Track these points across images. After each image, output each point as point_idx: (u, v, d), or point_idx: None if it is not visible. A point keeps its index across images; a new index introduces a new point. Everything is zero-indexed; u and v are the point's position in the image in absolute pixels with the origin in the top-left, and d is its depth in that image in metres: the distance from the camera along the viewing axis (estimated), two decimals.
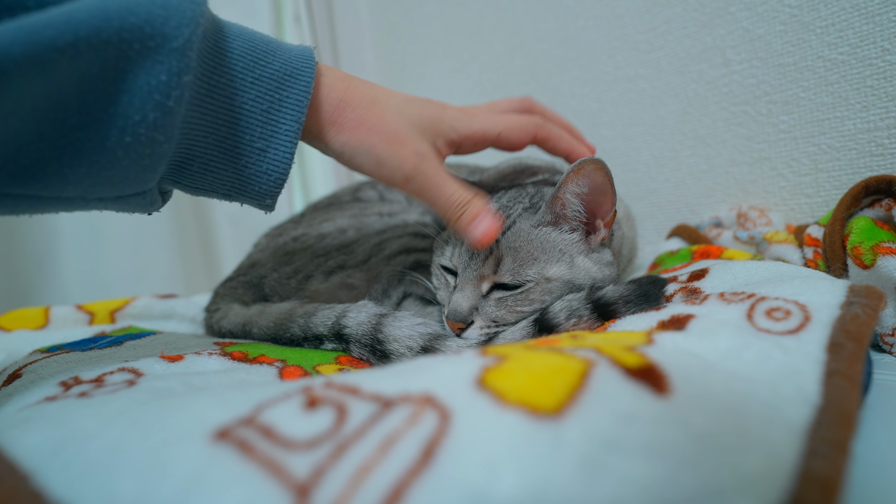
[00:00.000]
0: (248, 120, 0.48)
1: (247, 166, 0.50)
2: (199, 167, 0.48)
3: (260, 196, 0.52)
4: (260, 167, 0.50)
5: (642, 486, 0.24)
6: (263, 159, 0.50)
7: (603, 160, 0.56)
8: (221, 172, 0.50)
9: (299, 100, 0.50)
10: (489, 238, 0.55)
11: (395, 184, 0.55)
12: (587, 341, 0.39)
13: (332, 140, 0.54)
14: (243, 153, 0.49)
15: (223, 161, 0.49)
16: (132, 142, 0.40)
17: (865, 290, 0.44)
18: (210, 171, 0.49)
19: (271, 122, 0.49)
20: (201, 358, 0.52)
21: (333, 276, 0.74)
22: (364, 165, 0.54)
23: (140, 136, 0.40)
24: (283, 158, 0.50)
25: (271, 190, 0.51)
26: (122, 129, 0.39)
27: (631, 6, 1.08)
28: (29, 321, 0.78)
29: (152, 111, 0.40)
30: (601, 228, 0.62)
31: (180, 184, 0.49)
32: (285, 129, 0.49)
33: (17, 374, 0.49)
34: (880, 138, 0.80)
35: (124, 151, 0.40)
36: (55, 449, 0.29)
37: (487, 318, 0.59)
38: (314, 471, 0.25)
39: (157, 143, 0.41)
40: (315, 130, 0.53)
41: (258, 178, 0.50)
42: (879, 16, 0.78)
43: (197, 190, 0.51)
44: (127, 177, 0.42)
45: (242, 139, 0.49)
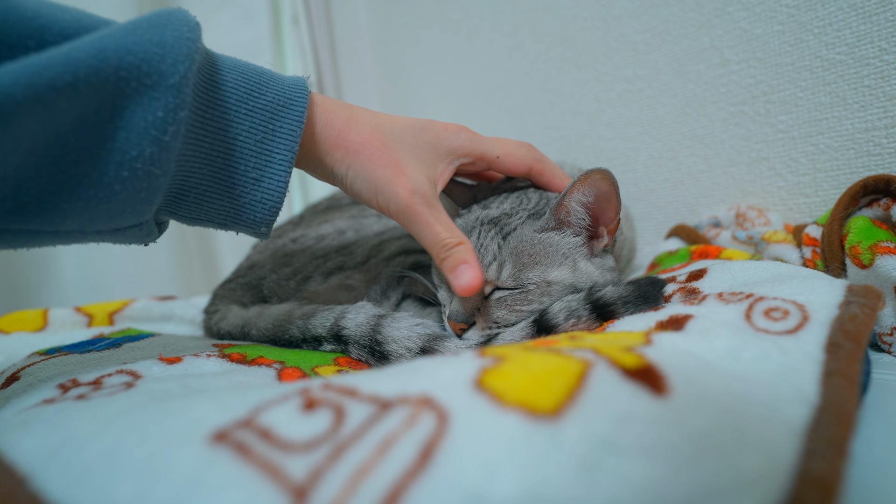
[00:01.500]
0: (243, 151, 0.49)
1: (242, 195, 0.51)
2: (194, 198, 0.49)
3: (255, 224, 0.53)
4: (255, 196, 0.51)
5: (641, 487, 0.24)
6: (258, 188, 0.51)
7: (609, 170, 0.56)
8: (217, 202, 0.51)
9: (292, 129, 0.51)
10: (472, 289, 0.52)
11: (388, 213, 0.55)
12: (585, 342, 0.39)
13: (336, 164, 0.55)
14: (238, 183, 0.50)
15: (218, 192, 0.50)
16: (129, 176, 0.41)
17: (864, 289, 0.44)
18: (206, 202, 0.50)
19: (265, 151, 0.50)
20: (200, 360, 0.52)
21: (332, 278, 0.74)
22: (362, 192, 0.55)
23: (137, 170, 0.41)
24: (277, 187, 0.51)
25: (266, 218, 0.52)
26: (119, 164, 0.40)
27: (629, 7, 1.08)
28: (27, 323, 0.78)
29: (149, 146, 0.40)
30: (605, 235, 0.62)
31: (176, 214, 0.50)
32: (279, 158, 0.51)
33: (16, 377, 0.49)
34: (878, 138, 0.80)
35: (121, 185, 0.41)
36: (53, 451, 0.29)
37: (489, 319, 0.59)
38: (312, 473, 0.25)
39: (153, 176, 0.42)
40: (318, 155, 0.55)
41: (253, 207, 0.51)
42: (877, 15, 0.78)
43: (193, 220, 0.52)
44: (124, 210, 0.43)
45: (237, 170, 0.50)
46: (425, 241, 0.55)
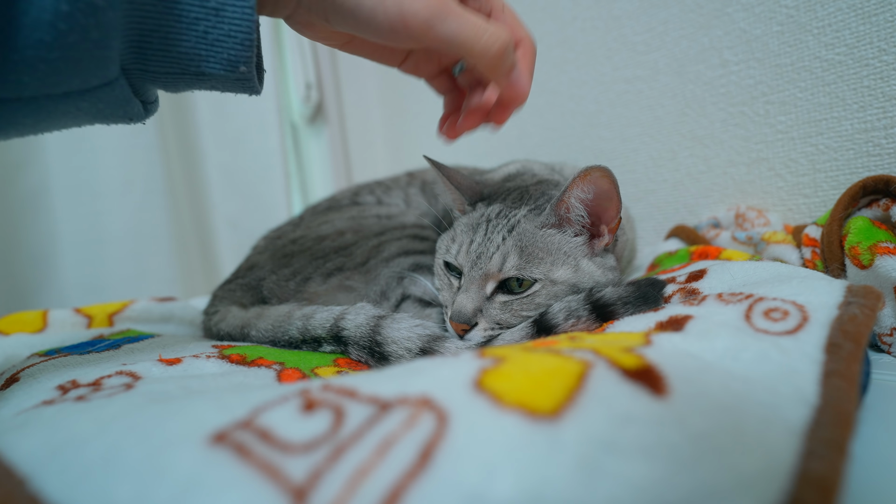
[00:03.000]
0: None
1: (207, 31, 0.45)
2: (158, 43, 0.45)
3: (231, 65, 0.47)
4: (221, 30, 0.45)
5: (640, 488, 0.24)
6: (222, 20, 0.45)
7: (608, 167, 0.56)
8: (183, 44, 0.45)
9: None
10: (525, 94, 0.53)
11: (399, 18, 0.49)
12: (585, 343, 0.39)
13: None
14: (199, 17, 0.44)
15: (180, 31, 0.45)
16: (70, 10, 0.37)
17: (863, 290, 0.44)
18: (171, 45, 0.45)
19: None
20: (199, 361, 0.52)
21: (332, 278, 0.74)
22: (377, 9, 0.48)
23: (76, 1, 0.37)
24: (243, 15, 0.45)
25: (241, 54, 0.46)
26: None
27: (628, 7, 1.08)
28: (27, 325, 0.78)
29: None
30: (606, 234, 0.62)
31: (148, 71, 0.46)
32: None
33: (15, 378, 0.49)
34: (877, 138, 0.80)
35: (65, 23, 0.37)
36: (52, 453, 0.29)
37: (491, 320, 0.59)
38: (311, 474, 0.25)
39: (97, 9, 0.38)
40: None
41: (223, 43, 0.46)
42: (876, 16, 0.79)
43: (167, 76, 0.47)
44: (80, 58, 0.39)
45: (194, 1, 0.44)
46: (463, 29, 0.50)
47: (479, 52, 0.51)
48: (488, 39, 0.51)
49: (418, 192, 0.95)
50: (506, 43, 0.52)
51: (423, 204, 0.93)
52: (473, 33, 0.50)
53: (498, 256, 0.59)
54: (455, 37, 0.50)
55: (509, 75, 0.54)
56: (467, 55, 0.52)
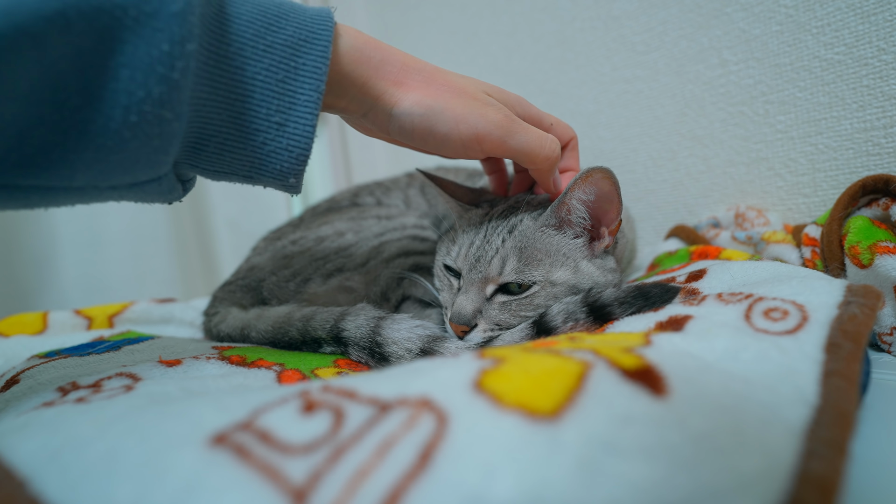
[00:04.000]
0: (263, 91, 0.45)
1: (265, 143, 0.46)
2: (214, 147, 0.46)
3: (282, 175, 0.48)
4: (280, 143, 0.47)
5: (640, 488, 0.24)
6: (283, 134, 0.46)
7: (610, 169, 0.56)
8: (239, 151, 0.46)
9: (317, 66, 0.46)
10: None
11: (474, 138, 0.53)
12: (585, 343, 0.39)
13: (400, 101, 0.51)
14: (260, 129, 0.46)
15: (240, 139, 0.46)
16: (138, 121, 0.37)
17: (863, 289, 0.44)
18: (227, 151, 0.46)
19: (288, 92, 0.46)
20: (199, 362, 0.52)
21: (332, 280, 0.74)
22: (438, 125, 0.52)
23: (146, 113, 0.38)
24: (303, 132, 0.47)
25: (294, 167, 0.48)
26: (125, 107, 0.37)
27: (627, 7, 1.08)
28: (27, 326, 0.78)
29: (156, 85, 0.37)
30: (606, 236, 0.62)
31: (198, 167, 0.47)
32: (304, 99, 0.46)
33: (15, 380, 0.49)
34: (877, 137, 0.80)
35: (131, 132, 0.38)
36: (52, 454, 0.29)
37: (491, 321, 0.59)
38: (311, 475, 0.25)
39: (164, 121, 0.39)
40: (373, 94, 0.51)
41: (278, 156, 0.47)
42: (875, 15, 0.79)
43: (216, 173, 0.48)
44: (138, 160, 0.40)
45: (258, 113, 0.45)
46: (531, 142, 0.55)
47: (539, 160, 0.57)
48: (549, 148, 0.57)
49: (418, 192, 0.95)
50: (557, 149, 0.59)
51: (422, 205, 0.93)
52: (538, 144, 0.56)
53: (497, 260, 0.59)
54: (522, 150, 0.56)
55: (553, 176, 0.61)
56: (529, 164, 0.58)
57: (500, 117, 0.54)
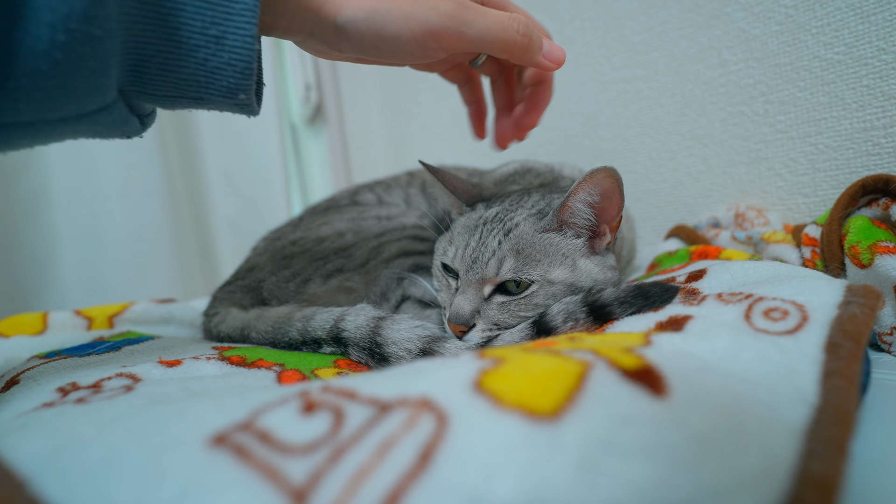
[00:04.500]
0: (195, 3, 0.43)
1: (207, 59, 0.44)
2: (156, 69, 0.44)
3: (230, 93, 0.46)
4: (221, 58, 0.45)
5: (640, 488, 0.24)
6: (223, 48, 0.44)
7: (614, 168, 0.56)
8: (182, 70, 0.45)
9: None
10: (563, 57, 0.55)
11: (427, 33, 0.50)
12: (585, 343, 0.39)
13: (341, 8, 0.48)
14: (199, 44, 0.44)
15: (179, 56, 0.44)
16: (67, 40, 0.37)
17: (863, 289, 0.44)
18: (170, 71, 0.44)
19: (222, 2, 0.44)
20: (199, 363, 0.52)
21: (332, 280, 0.74)
22: (386, 26, 0.49)
23: (73, 31, 0.37)
24: (243, 44, 0.44)
25: (240, 83, 0.46)
26: (51, 24, 0.36)
27: (627, 7, 1.08)
28: (27, 327, 0.78)
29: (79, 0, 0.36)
30: (606, 233, 0.62)
31: (145, 93, 0.45)
32: (239, 8, 0.44)
33: (15, 380, 0.49)
34: (877, 137, 0.80)
35: (62, 53, 0.37)
36: (52, 455, 0.29)
37: (489, 321, 0.59)
38: (311, 475, 0.25)
39: (95, 38, 0.38)
40: (313, 6, 0.48)
41: (222, 71, 0.45)
42: (875, 15, 0.79)
43: (165, 98, 0.47)
44: (77, 85, 0.39)
45: (193, 27, 0.43)
46: (491, 26, 0.51)
47: (511, 44, 0.52)
48: (515, 28, 0.52)
49: (418, 192, 0.95)
50: (528, 25, 0.53)
51: (423, 204, 0.93)
52: (500, 27, 0.52)
53: (494, 261, 0.59)
54: (484, 36, 0.51)
55: (541, 52, 0.55)
56: (498, 50, 0.53)
57: (453, 6, 0.50)
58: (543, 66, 0.57)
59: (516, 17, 0.53)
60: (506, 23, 0.52)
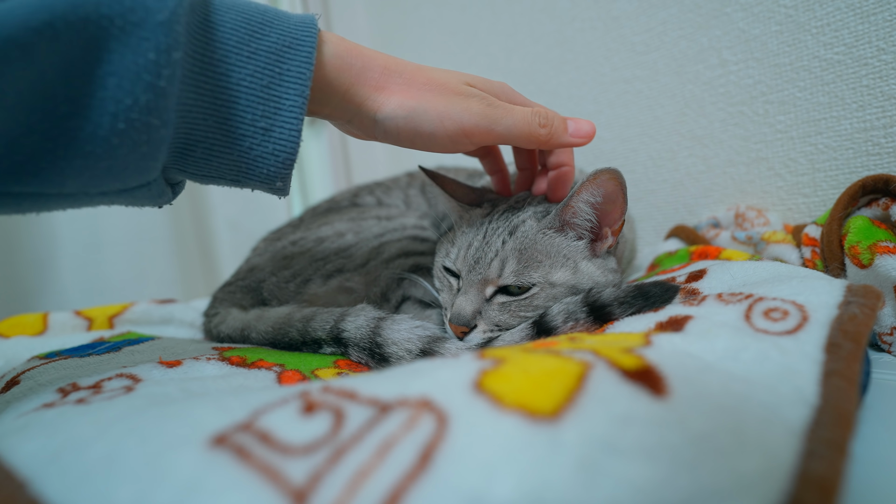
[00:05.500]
0: (248, 97, 0.46)
1: (252, 148, 0.47)
2: (202, 153, 0.46)
3: (269, 179, 0.49)
4: (266, 148, 0.47)
5: (640, 489, 0.24)
6: (269, 139, 0.47)
7: (618, 170, 0.56)
8: (226, 156, 0.47)
9: (301, 72, 0.47)
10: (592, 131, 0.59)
11: (460, 132, 0.54)
12: (585, 343, 0.39)
13: (382, 105, 0.52)
14: (246, 134, 0.47)
15: (226, 144, 0.47)
16: (126, 128, 0.38)
17: (863, 289, 0.44)
18: (214, 156, 0.47)
19: (273, 98, 0.46)
20: (199, 363, 0.52)
21: (332, 280, 0.74)
22: (423, 125, 0.53)
23: (133, 121, 0.38)
24: (289, 137, 0.47)
25: (280, 172, 0.49)
26: (113, 114, 0.38)
27: (627, 8, 1.08)
28: (27, 327, 0.78)
29: (143, 93, 0.38)
30: (609, 236, 0.62)
31: (186, 171, 0.48)
32: (289, 104, 0.47)
33: (16, 381, 0.49)
34: (877, 137, 0.80)
35: (119, 139, 0.38)
36: (53, 456, 0.29)
37: (490, 322, 0.59)
38: (311, 476, 0.25)
39: (152, 127, 0.40)
40: (356, 101, 0.52)
41: (265, 160, 0.48)
42: (874, 15, 0.79)
43: (204, 177, 0.49)
44: (126, 167, 0.40)
45: (244, 119, 0.46)
46: (517, 122, 0.56)
47: (535, 136, 0.57)
48: (537, 122, 0.57)
49: (418, 192, 0.95)
50: (548, 116, 0.58)
51: (422, 205, 0.93)
52: (525, 122, 0.56)
53: (497, 262, 0.59)
54: (511, 131, 0.56)
55: (567, 133, 0.60)
56: (524, 142, 0.58)
57: (483, 107, 0.54)
58: (573, 143, 0.61)
59: (537, 111, 0.57)
60: (529, 118, 0.56)
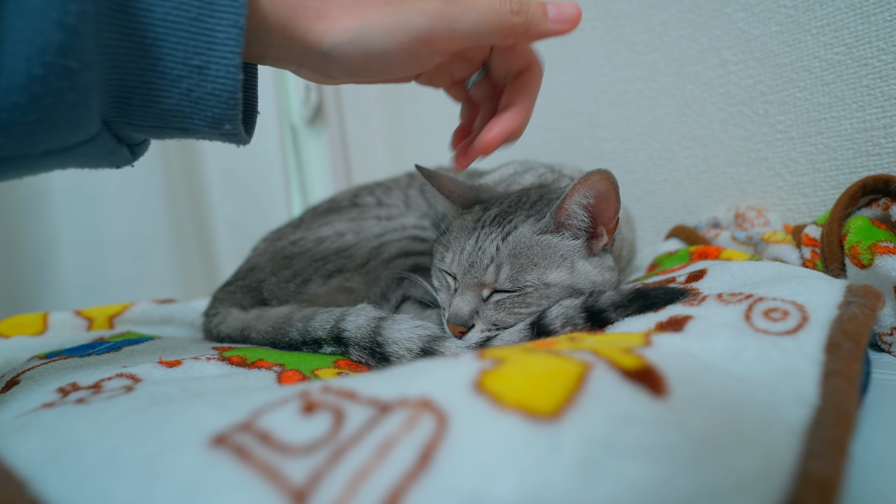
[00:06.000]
0: (177, 33, 0.42)
1: (190, 90, 0.43)
2: (140, 100, 0.43)
3: (215, 123, 0.45)
4: (204, 88, 0.43)
5: (640, 489, 0.24)
6: (206, 78, 0.43)
7: (609, 170, 0.56)
8: (166, 101, 0.44)
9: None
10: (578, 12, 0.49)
11: (416, 40, 0.47)
12: (585, 343, 0.39)
13: (325, 35, 0.46)
14: (182, 75, 0.43)
15: (162, 87, 0.43)
16: (45, 74, 0.36)
17: (863, 289, 0.44)
18: (153, 102, 0.43)
19: (205, 31, 0.42)
20: (199, 363, 0.52)
21: (332, 280, 0.74)
22: (373, 44, 0.47)
23: (50, 64, 0.36)
24: (227, 74, 0.43)
25: (225, 113, 0.45)
26: (27, 58, 0.35)
27: (627, 8, 1.08)
28: (27, 327, 0.78)
29: (54, 32, 0.35)
30: (604, 235, 0.62)
31: (130, 124, 0.44)
32: (223, 37, 0.42)
33: (16, 381, 0.49)
34: (877, 138, 0.80)
35: (40, 86, 0.36)
36: (52, 455, 0.29)
37: (488, 321, 0.60)
38: (311, 476, 0.25)
39: (72, 71, 0.37)
40: (298, 37, 0.46)
41: (205, 102, 0.44)
42: (875, 16, 0.79)
43: (151, 129, 0.46)
44: (58, 119, 0.38)
45: (175, 58, 0.42)
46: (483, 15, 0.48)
47: (508, 26, 0.49)
48: (507, 9, 0.48)
49: (418, 193, 0.95)
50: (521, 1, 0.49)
51: (422, 206, 0.93)
52: (493, 12, 0.48)
53: (492, 267, 0.59)
54: (478, 27, 0.48)
55: (548, 19, 0.51)
56: (497, 38, 0.50)
57: (437, 4, 0.47)
58: (556, 31, 0.51)
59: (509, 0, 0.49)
60: (496, 6, 0.48)
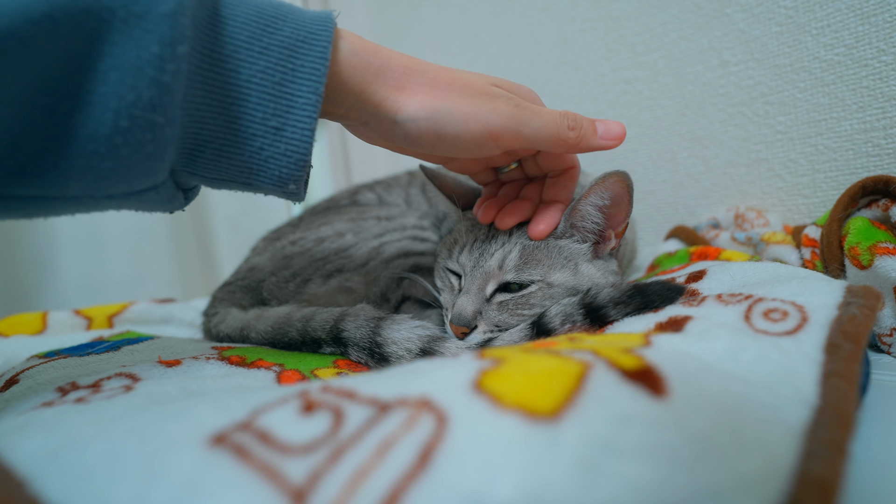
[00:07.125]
0: (259, 95, 0.44)
1: (263, 149, 0.45)
2: (211, 154, 0.44)
3: (281, 182, 0.47)
4: (277, 148, 0.45)
5: (639, 489, 0.24)
6: (280, 139, 0.45)
7: (626, 172, 0.56)
8: (236, 157, 0.45)
9: (315, 67, 0.44)
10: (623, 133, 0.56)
11: (486, 134, 0.50)
12: (584, 343, 0.39)
13: (403, 106, 0.49)
14: (257, 134, 0.44)
15: (237, 144, 0.45)
16: (129, 126, 0.37)
17: (863, 290, 0.44)
18: (224, 157, 0.45)
19: (285, 95, 0.44)
20: (199, 363, 0.52)
21: (332, 280, 0.74)
22: (447, 127, 0.49)
23: (137, 118, 0.37)
24: (301, 137, 0.45)
25: (293, 174, 0.46)
26: (116, 111, 0.36)
27: (627, 8, 1.09)
28: (27, 326, 0.78)
29: (147, 89, 0.36)
30: (612, 238, 0.62)
31: (195, 174, 0.46)
32: (302, 102, 0.44)
33: (15, 380, 0.49)
34: (877, 139, 0.80)
35: (122, 138, 0.37)
36: (52, 455, 0.29)
37: (490, 322, 0.60)
38: (311, 475, 0.25)
39: (157, 126, 0.38)
40: (374, 101, 0.48)
41: (276, 161, 0.45)
42: (875, 17, 0.79)
43: (214, 180, 0.47)
44: (131, 168, 0.39)
45: (254, 118, 0.44)
46: (546, 125, 0.52)
47: (564, 139, 0.53)
48: (566, 124, 0.53)
49: (419, 191, 0.95)
50: (576, 119, 0.54)
51: (423, 204, 0.93)
52: (554, 125, 0.52)
53: (500, 254, 0.59)
54: (539, 134, 0.52)
55: (597, 136, 0.56)
56: (552, 146, 0.54)
57: (511, 107, 0.51)
58: (603, 146, 0.57)
59: (565, 114, 0.54)
60: (558, 120, 0.53)
